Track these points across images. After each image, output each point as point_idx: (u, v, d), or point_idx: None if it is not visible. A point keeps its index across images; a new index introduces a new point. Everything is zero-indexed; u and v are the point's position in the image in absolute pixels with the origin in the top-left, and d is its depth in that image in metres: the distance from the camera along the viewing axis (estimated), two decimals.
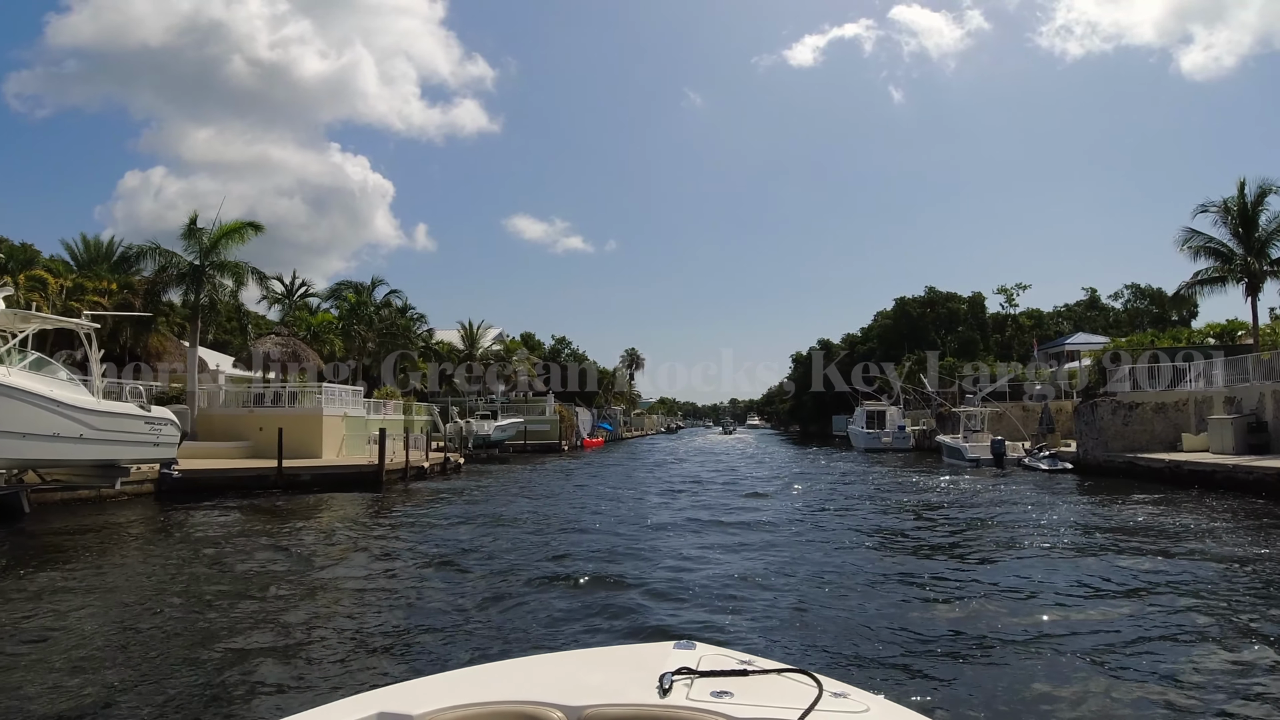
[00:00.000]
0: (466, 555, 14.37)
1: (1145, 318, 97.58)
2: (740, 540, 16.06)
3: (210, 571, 13.24)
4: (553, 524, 19.01)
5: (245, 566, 13.59)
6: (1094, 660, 7.78)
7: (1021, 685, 7.15)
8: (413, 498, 25.84)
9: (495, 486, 29.57)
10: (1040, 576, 11.99)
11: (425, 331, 62.84)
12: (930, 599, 10.60)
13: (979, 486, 27.12)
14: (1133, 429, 29.53)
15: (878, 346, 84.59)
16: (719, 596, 10.68)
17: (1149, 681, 7.19)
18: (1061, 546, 14.91)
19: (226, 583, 12.20)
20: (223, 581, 12.34)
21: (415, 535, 17.20)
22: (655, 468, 41.23)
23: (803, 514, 20.70)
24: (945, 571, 12.64)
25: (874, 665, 7.81)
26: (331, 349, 40.83)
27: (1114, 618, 9.49)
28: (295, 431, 32.29)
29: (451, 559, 13.96)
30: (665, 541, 15.80)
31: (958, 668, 7.73)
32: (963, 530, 17.59)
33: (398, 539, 16.82)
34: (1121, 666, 7.59)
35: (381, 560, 14.21)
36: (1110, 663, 7.70)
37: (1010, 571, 12.58)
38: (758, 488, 28.50)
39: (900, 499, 24.16)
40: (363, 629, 9.47)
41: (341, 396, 34.75)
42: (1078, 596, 10.69)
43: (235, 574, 12.90)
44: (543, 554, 14.29)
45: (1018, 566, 13.03)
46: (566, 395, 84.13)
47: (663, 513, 21.05)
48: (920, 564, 13.47)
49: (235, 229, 33.93)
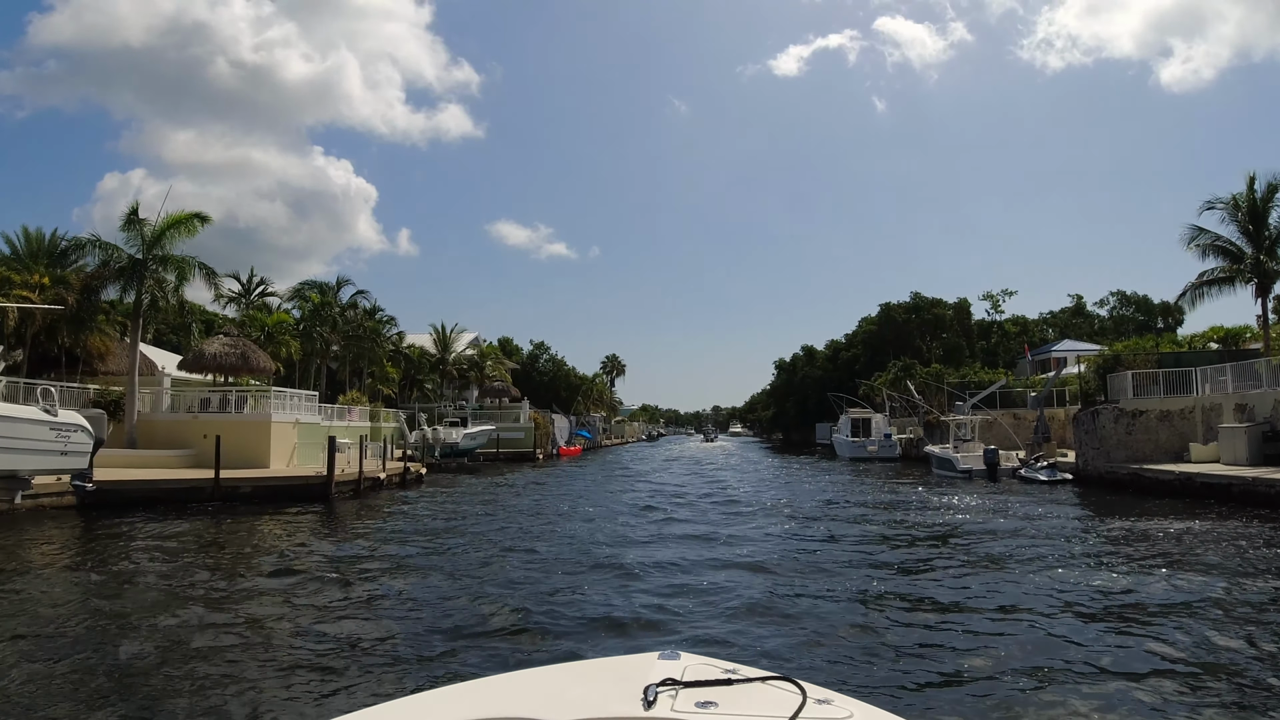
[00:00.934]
0: (378, 602, 12.23)
1: (1131, 325, 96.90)
2: (715, 581, 14.01)
3: (87, 598, 11.12)
4: (496, 553, 16.89)
5: (135, 593, 11.48)
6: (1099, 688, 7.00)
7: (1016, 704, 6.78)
8: (362, 513, 23.64)
9: (451, 502, 27.39)
10: (1046, 599, 10.73)
11: (395, 335, 60.50)
12: (924, 618, 10.03)
13: (973, 500, 25.23)
14: (1136, 438, 27.76)
15: (862, 353, 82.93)
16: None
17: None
18: (1072, 562, 13.35)
19: (96, 614, 10.08)
20: (96, 612, 10.23)
21: (345, 560, 15.03)
22: (631, 479, 39.17)
23: (790, 533, 18.71)
24: (938, 591, 11.57)
25: (861, 675, 7.68)
26: (288, 352, 38.47)
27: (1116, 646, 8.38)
28: (241, 439, 30.10)
29: (372, 598, 11.83)
30: (629, 581, 13.72)
31: (946, 681, 7.52)
32: (959, 550, 15.67)
33: (324, 563, 14.64)
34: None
35: (294, 589, 12.06)
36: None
37: (1014, 593, 11.33)
38: (739, 502, 26.52)
39: (891, 515, 22.22)
40: (264, 673, 7.65)
41: (293, 401, 32.47)
42: (1084, 618, 9.61)
43: (115, 603, 10.76)
44: (474, 595, 12.15)
45: (1023, 587, 11.54)
46: (543, 401, 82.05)
47: (631, 538, 18.97)
48: (912, 584, 12.37)
49: (181, 220, 31.65)
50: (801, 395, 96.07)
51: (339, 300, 51.14)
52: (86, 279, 29.85)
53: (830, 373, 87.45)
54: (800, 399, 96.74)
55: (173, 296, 30.94)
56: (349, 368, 55.33)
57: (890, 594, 11.43)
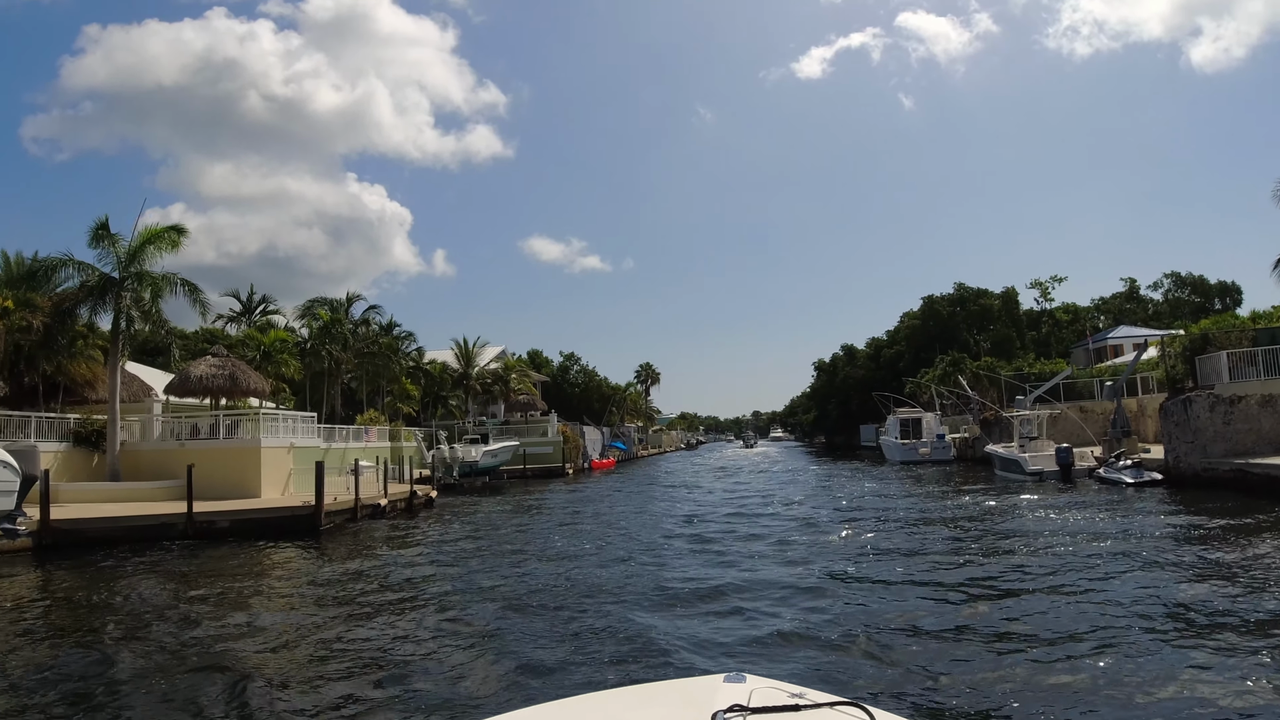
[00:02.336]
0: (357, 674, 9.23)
1: (1187, 307, 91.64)
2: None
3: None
4: (478, 637, 13.85)
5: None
6: None
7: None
8: (353, 548, 20.80)
9: (454, 536, 24.45)
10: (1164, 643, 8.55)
11: (414, 351, 58.06)
12: (1001, 646, 8.76)
13: (1051, 509, 21.68)
14: (1236, 428, 23.93)
15: (906, 350, 78.86)
16: None
17: None
18: (1201, 598, 10.24)
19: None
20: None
21: (287, 631, 12.07)
22: (665, 496, 36.00)
23: (849, 554, 15.45)
24: (1021, 622, 9.89)
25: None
26: (289, 372, 35.98)
27: None
28: (228, 468, 27.60)
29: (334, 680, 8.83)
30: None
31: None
32: (1045, 571, 12.65)
33: (284, 621, 11.69)
34: None
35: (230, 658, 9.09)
36: None
37: (1118, 627, 9.30)
38: (782, 527, 23.27)
39: (959, 529, 18.79)
40: None
41: (288, 424, 29.84)
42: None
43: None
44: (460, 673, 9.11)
45: (1130, 624, 9.34)
46: (576, 414, 79.21)
47: (660, 580, 15.86)
48: (994, 610, 10.71)
49: (158, 234, 29.31)
50: (843, 396, 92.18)
51: (350, 317, 48.79)
52: (56, 300, 27.53)
53: (872, 372, 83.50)
54: (842, 400, 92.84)
55: (149, 315, 28.50)
56: (367, 387, 52.99)
57: (967, 624, 9.89)
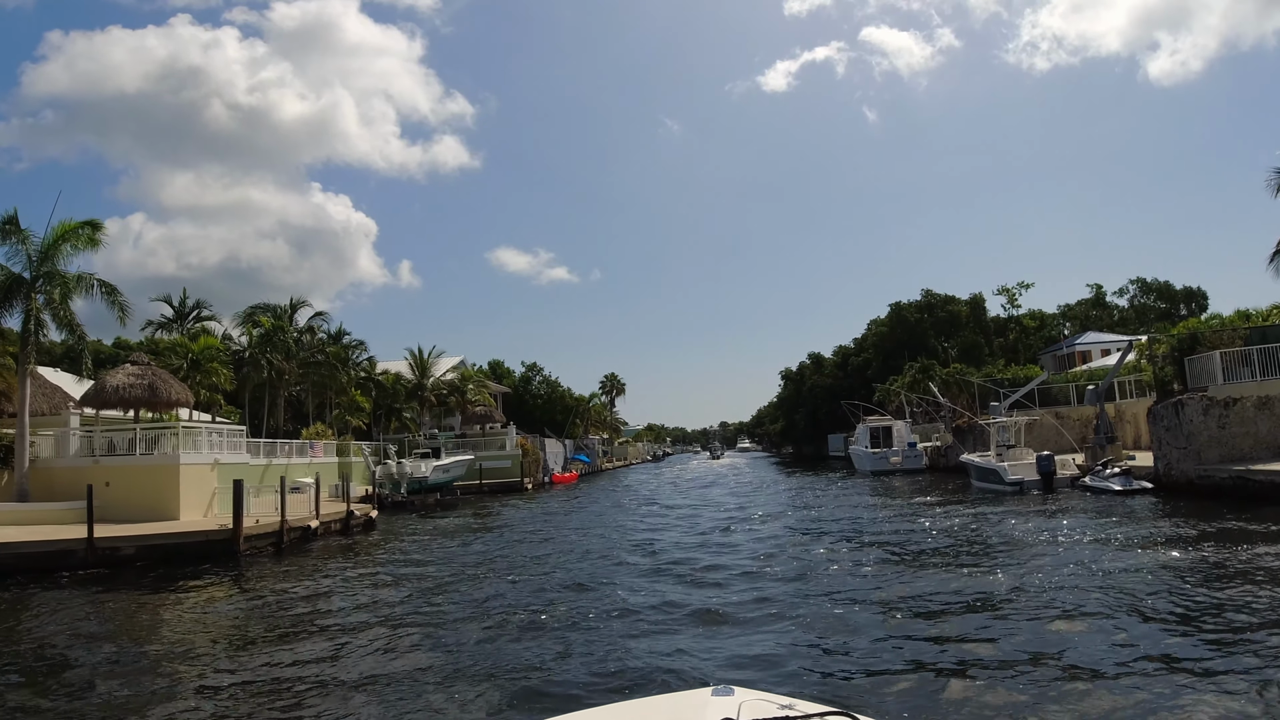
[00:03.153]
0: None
1: (1152, 313, 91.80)
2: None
3: None
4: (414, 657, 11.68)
5: None
6: None
7: None
8: (278, 578, 18.47)
9: (394, 559, 22.19)
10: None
11: (365, 361, 55.46)
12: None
13: (1037, 522, 19.96)
14: (1231, 432, 22.46)
15: (874, 357, 77.60)
16: None
17: None
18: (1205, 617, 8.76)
19: None
20: None
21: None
22: (622, 513, 33.94)
23: (830, 584, 13.50)
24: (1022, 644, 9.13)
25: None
26: (220, 382, 33.36)
27: None
28: (143, 487, 25.18)
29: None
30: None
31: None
32: (1044, 590, 10.73)
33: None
34: None
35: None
36: None
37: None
38: (755, 550, 21.30)
39: (948, 548, 16.94)
40: None
41: (212, 439, 27.34)
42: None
43: None
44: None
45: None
46: (539, 426, 76.80)
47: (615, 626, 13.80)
48: (988, 634, 9.85)
49: (72, 230, 26.83)
50: (811, 406, 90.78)
51: (294, 324, 46.16)
52: None
53: (840, 380, 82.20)
54: (810, 410, 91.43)
55: (62, 319, 25.98)
56: (315, 399, 50.30)
57: (958, 641, 9.51)
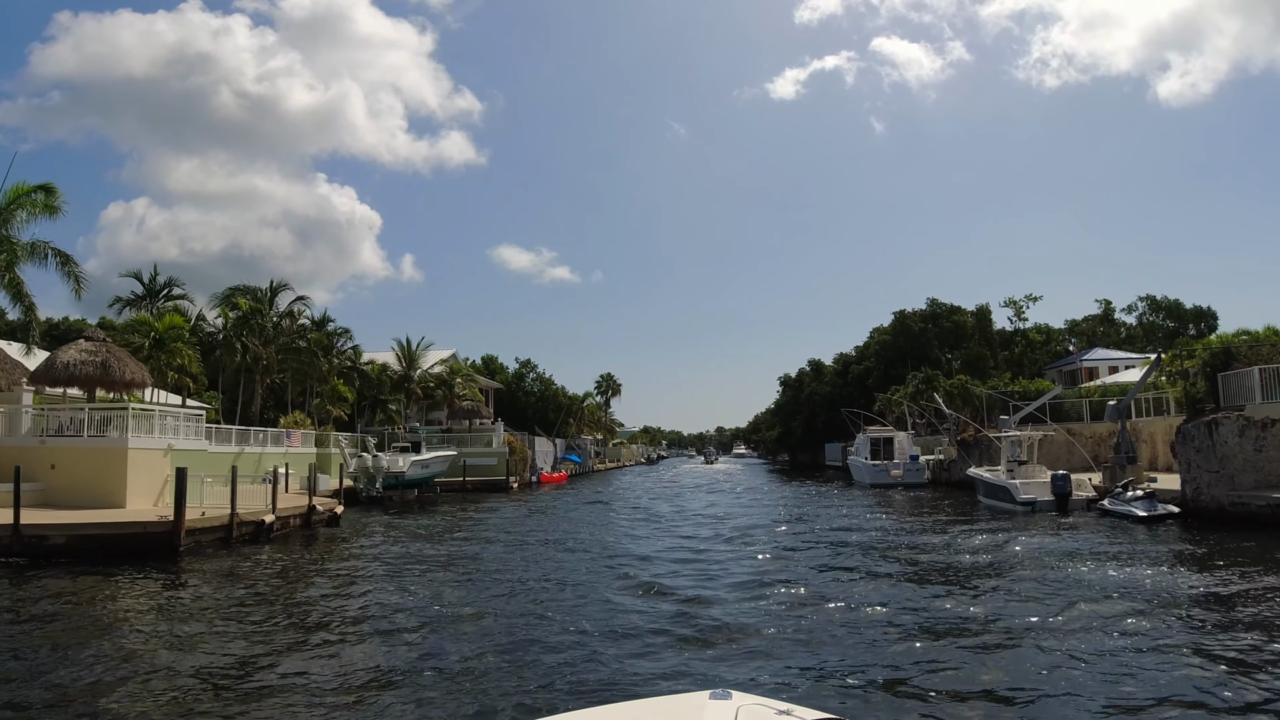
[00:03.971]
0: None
1: (1160, 332, 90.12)
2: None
3: None
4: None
5: None
6: None
7: None
8: (218, 579, 16.59)
9: (348, 560, 20.31)
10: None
11: (350, 349, 53.51)
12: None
13: (1055, 549, 18.07)
14: (1269, 456, 20.60)
15: (875, 366, 75.68)
16: None
17: None
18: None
19: None
20: None
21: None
22: (608, 520, 32.06)
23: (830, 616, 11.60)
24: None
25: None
26: (183, 363, 31.39)
27: None
28: (89, 471, 23.34)
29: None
30: None
31: None
32: (1065, 632, 8.79)
33: None
34: None
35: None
36: None
37: None
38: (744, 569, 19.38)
39: (955, 575, 15.03)
40: None
41: (166, 422, 25.44)
42: None
43: None
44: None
45: None
46: (532, 424, 74.94)
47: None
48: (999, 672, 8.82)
49: (24, 194, 25.07)
50: (809, 413, 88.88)
51: (275, 308, 44.24)
52: None
53: (840, 389, 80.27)
54: (808, 418, 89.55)
55: (6, 286, 24.16)
56: (296, 386, 48.38)
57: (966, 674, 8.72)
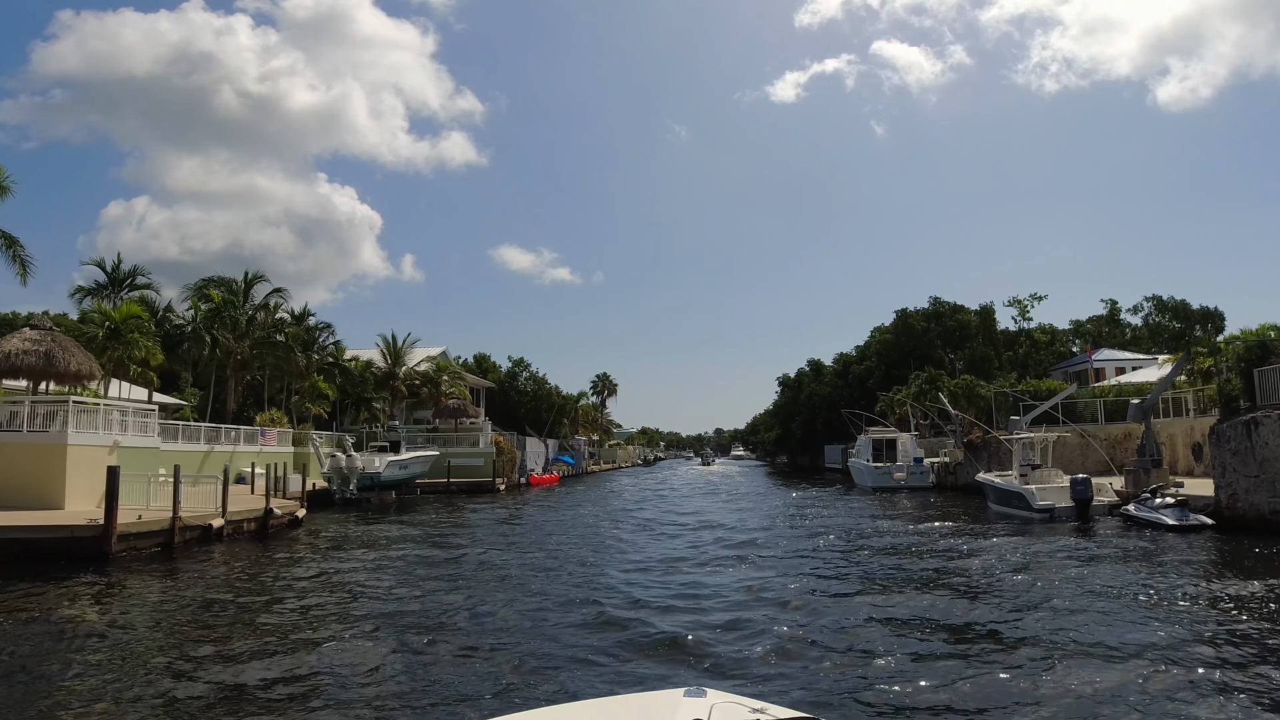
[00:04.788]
0: None
1: (1166, 333, 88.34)
2: None
3: None
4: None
5: None
6: None
7: None
8: (152, 591, 14.73)
9: (278, 579, 18.41)
10: None
11: (332, 345, 51.62)
12: None
13: (1075, 559, 16.18)
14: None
15: (876, 366, 73.74)
16: None
17: None
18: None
19: None
20: None
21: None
22: (595, 523, 30.19)
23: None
24: None
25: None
26: (141, 355, 29.42)
27: None
28: (27, 469, 21.46)
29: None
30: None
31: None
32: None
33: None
34: None
35: None
36: None
37: None
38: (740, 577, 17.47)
39: (976, 594, 13.10)
40: None
41: (111, 417, 23.52)
42: None
43: None
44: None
45: None
46: (525, 424, 73.04)
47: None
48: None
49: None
50: (808, 414, 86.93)
51: (251, 300, 42.33)
52: None
53: (840, 389, 78.34)
54: (807, 419, 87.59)
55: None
56: (275, 383, 46.50)
57: None
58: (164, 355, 33.63)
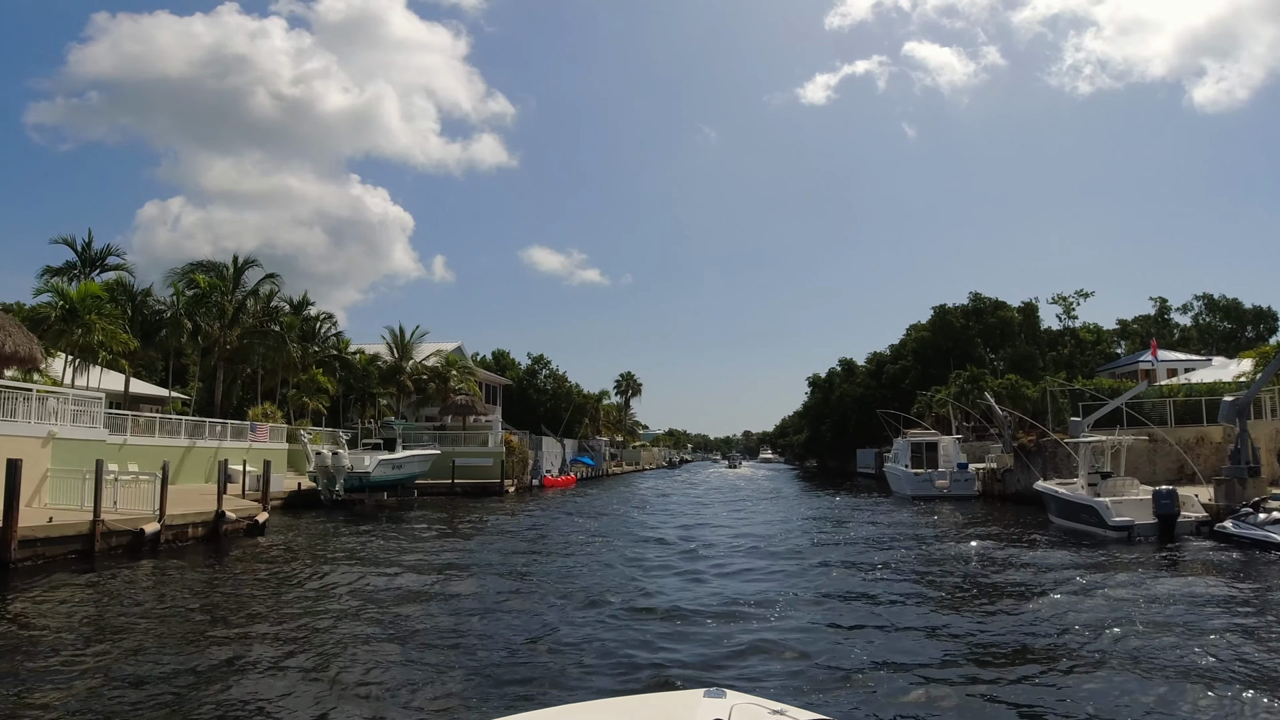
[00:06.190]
0: None
1: (1217, 334, 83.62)
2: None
3: None
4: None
5: None
6: None
7: None
8: (54, 611, 11.84)
9: (205, 601, 15.44)
10: None
11: (334, 336, 49.01)
12: None
13: (1171, 588, 12.74)
14: None
15: (912, 365, 69.75)
16: None
17: None
18: None
19: None
20: None
21: None
22: (604, 530, 27.09)
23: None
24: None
25: None
26: (99, 338, 26.73)
27: None
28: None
29: None
30: None
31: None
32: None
33: None
34: None
35: None
36: None
37: None
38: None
39: (1055, 638, 9.76)
40: None
41: (45, 406, 20.74)
42: None
43: None
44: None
45: None
46: (544, 423, 70.28)
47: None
48: None
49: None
50: (839, 416, 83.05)
51: (241, 286, 39.70)
52: None
53: (873, 389, 74.38)
54: (838, 420, 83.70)
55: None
56: (268, 377, 43.94)
57: None
58: (139, 343, 30.96)
